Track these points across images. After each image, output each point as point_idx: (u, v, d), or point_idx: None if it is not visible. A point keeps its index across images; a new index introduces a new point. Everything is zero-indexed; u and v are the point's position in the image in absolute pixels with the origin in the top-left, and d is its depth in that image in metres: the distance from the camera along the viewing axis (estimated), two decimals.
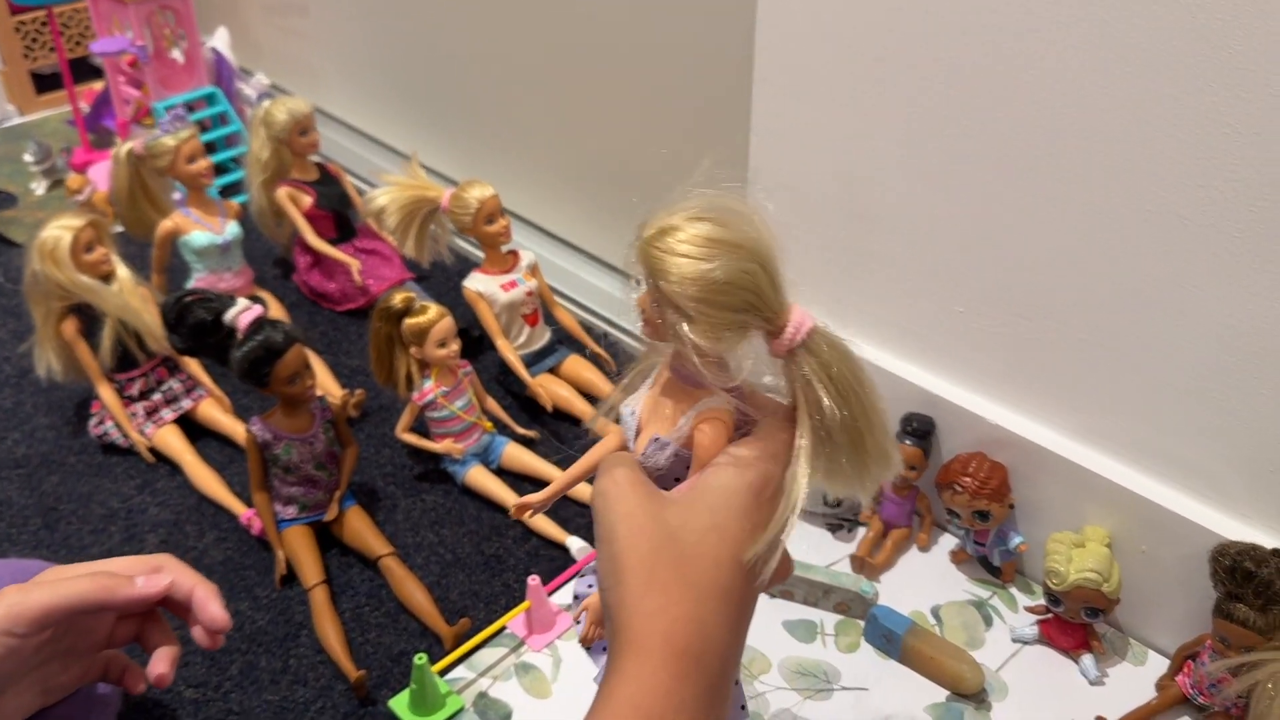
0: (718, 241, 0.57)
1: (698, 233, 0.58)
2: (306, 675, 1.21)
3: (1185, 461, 1.10)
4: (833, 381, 0.60)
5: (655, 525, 0.58)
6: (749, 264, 0.57)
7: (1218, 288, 1.00)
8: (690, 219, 0.59)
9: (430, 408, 1.40)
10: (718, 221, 0.58)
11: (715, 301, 0.57)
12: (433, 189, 1.53)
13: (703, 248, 0.57)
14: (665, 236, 0.58)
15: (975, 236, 1.16)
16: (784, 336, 0.59)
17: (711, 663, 0.56)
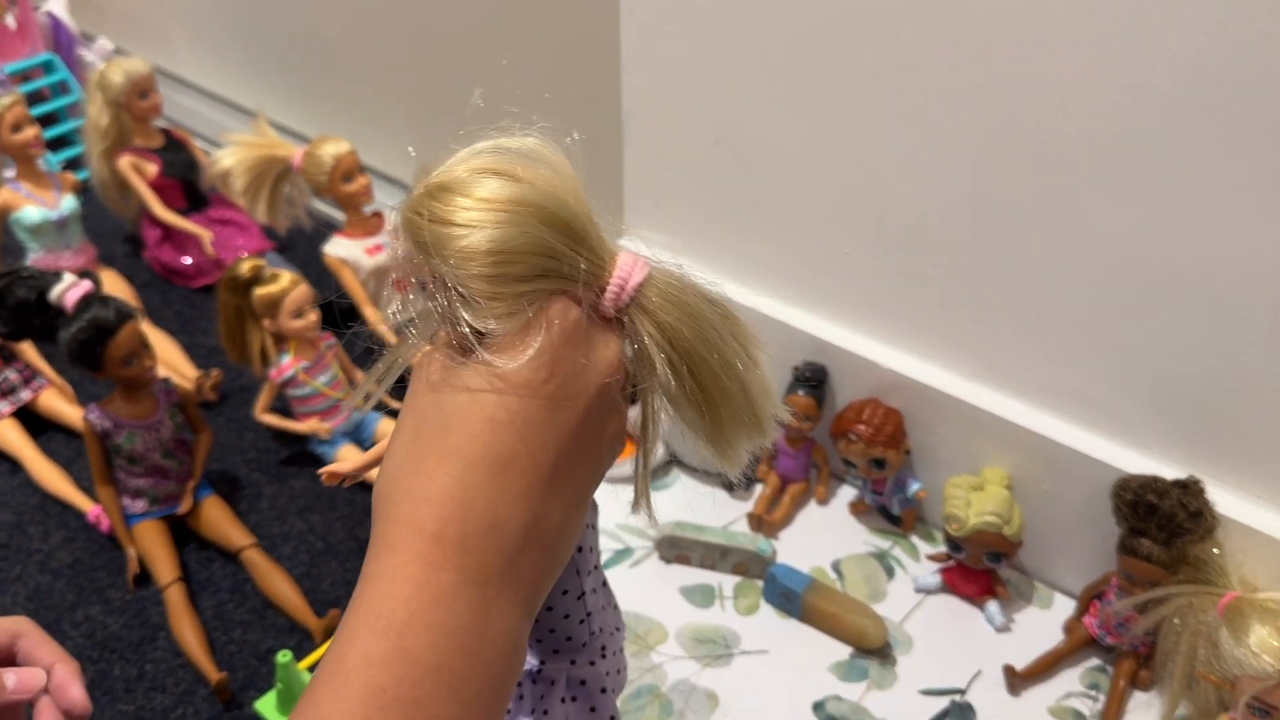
0: (502, 201, 0.48)
1: (478, 193, 0.48)
2: (165, 681, 1.11)
3: (1083, 396, 1.06)
4: (672, 344, 0.51)
5: (429, 392, 0.48)
6: (539, 225, 0.48)
7: (1107, 214, 0.95)
8: (470, 174, 0.49)
9: (290, 385, 1.30)
10: (505, 174, 0.49)
11: (502, 275, 0.47)
12: (283, 147, 1.42)
13: (482, 212, 0.48)
14: (436, 201, 0.48)
15: (858, 173, 1.10)
16: (606, 296, 0.50)
17: (485, 544, 0.46)
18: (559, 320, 0.48)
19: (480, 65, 1.58)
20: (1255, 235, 0.88)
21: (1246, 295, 0.91)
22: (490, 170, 0.49)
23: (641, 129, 1.26)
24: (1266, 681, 0.88)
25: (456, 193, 0.48)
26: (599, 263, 0.50)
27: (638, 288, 0.50)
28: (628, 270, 0.50)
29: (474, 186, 0.48)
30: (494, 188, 0.48)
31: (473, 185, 0.48)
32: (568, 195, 0.50)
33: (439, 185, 0.49)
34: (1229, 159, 0.86)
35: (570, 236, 0.49)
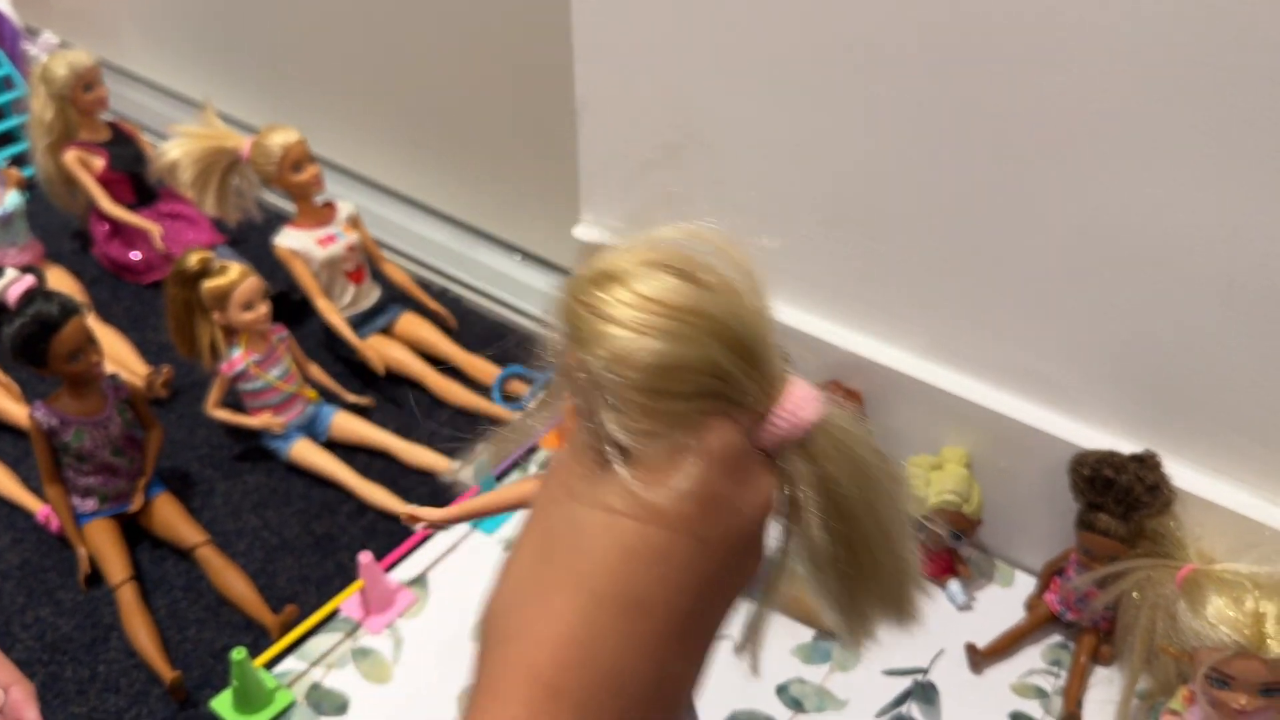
0: (676, 307, 0.42)
1: (647, 291, 0.42)
2: (118, 682, 1.09)
3: (1039, 373, 1.06)
4: (829, 499, 0.44)
5: (562, 503, 0.43)
6: (712, 341, 0.41)
7: (1060, 192, 0.95)
8: (644, 267, 0.43)
9: (242, 379, 1.27)
10: (682, 274, 0.43)
11: (661, 391, 0.41)
12: (231, 138, 1.39)
13: (650, 315, 0.41)
14: (601, 290, 0.43)
15: (813, 157, 1.09)
16: (768, 427, 0.43)
17: (606, 704, 0.40)
18: (717, 449, 0.42)
19: (431, 53, 1.56)
20: (1207, 209, 0.88)
21: (1200, 269, 0.91)
22: (667, 266, 0.43)
23: (595, 118, 1.25)
24: (1224, 652, 0.88)
25: (624, 285, 0.42)
26: (768, 388, 0.43)
27: (809, 426, 0.44)
28: (801, 404, 0.43)
29: (645, 282, 0.42)
30: (669, 288, 0.42)
31: (644, 280, 0.42)
32: (750, 308, 0.44)
33: (606, 273, 0.43)
34: (1181, 133, 0.86)
35: (745, 358, 0.43)
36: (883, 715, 1.01)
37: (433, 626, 1.12)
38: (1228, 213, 0.87)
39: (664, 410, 0.41)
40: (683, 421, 0.42)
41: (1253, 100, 0.82)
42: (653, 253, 0.44)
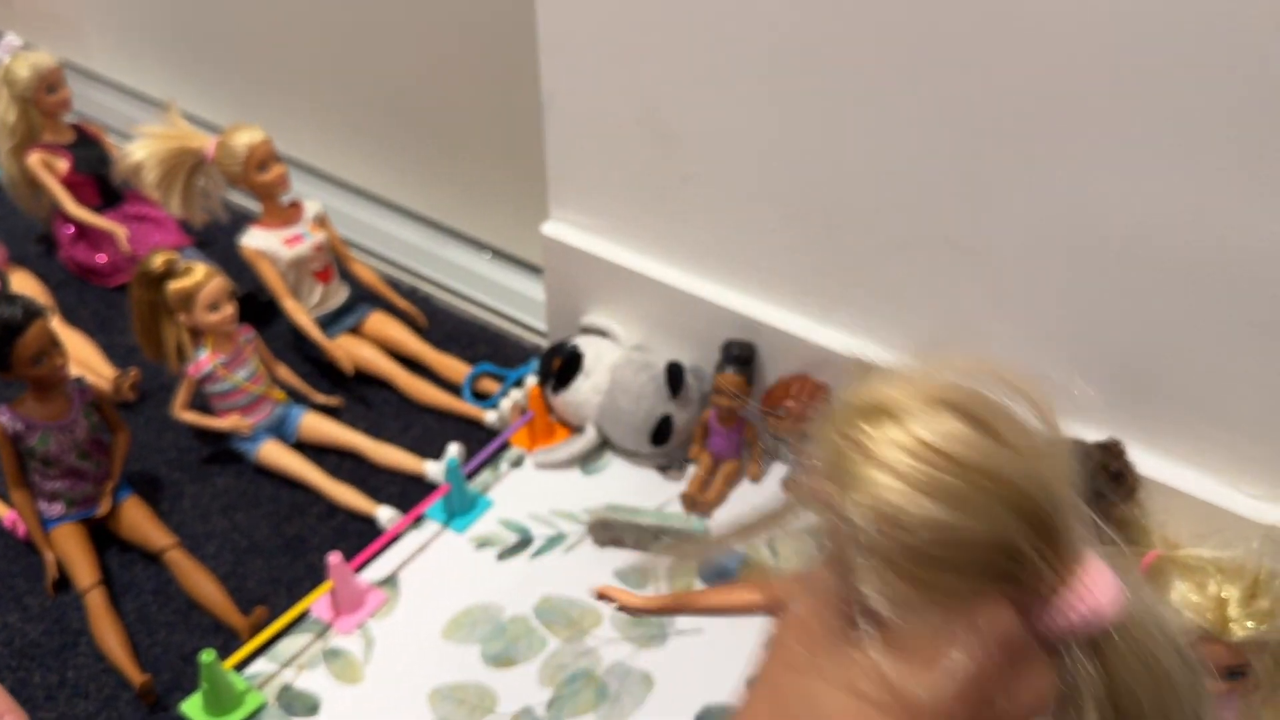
0: (965, 464, 0.36)
1: (929, 436, 0.36)
2: (87, 687, 1.08)
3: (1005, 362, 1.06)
4: (1117, 708, 0.37)
5: (798, 674, 0.39)
6: (1007, 512, 0.35)
7: (1027, 186, 0.96)
8: (926, 404, 0.37)
9: (209, 380, 1.26)
10: (974, 420, 0.37)
11: (930, 558, 0.36)
12: (196, 138, 1.38)
13: (931, 467, 0.36)
14: (872, 426, 0.37)
15: (778, 151, 1.09)
16: (1058, 615, 0.37)
17: None
18: (991, 635, 0.36)
19: (397, 51, 1.56)
20: (1169, 199, 0.89)
21: (1162, 259, 0.92)
22: (955, 406, 0.37)
23: (562, 111, 1.25)
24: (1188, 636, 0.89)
25: (901, 425, 0.37)
26: (1062, 569, 0.37)
27: (1107, 621, 0.37)
28: (1099, 592, 0.37)
29: (928, 424, 0.37)
30: (957, 437, 0.36)
31: (926, 422, 0.37)
32: (1054, 473, 0.37)
33: (879, 406, 0.38)
34: (1142, 123, 0.87)
35: (1043, 536, 0.36)
36: None
37: (404, 626, 1.11)
38: (1189, 202, 0.88)
39: (935, 583, 0.35)
40: (955, 598, 0.36)
41: (1212, 90, 0.82)
42: (937, 387, 0.38)
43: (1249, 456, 0.97)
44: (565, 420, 1.34)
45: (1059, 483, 0.37)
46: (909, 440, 0.36)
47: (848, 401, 0.38)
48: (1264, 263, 0.86)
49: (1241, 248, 0.87)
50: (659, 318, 1.30)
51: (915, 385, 0.38)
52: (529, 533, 1.21)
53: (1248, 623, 0.87)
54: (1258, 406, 0.93)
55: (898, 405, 0.37)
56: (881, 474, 0.36)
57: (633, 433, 1.26)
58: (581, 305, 1.38)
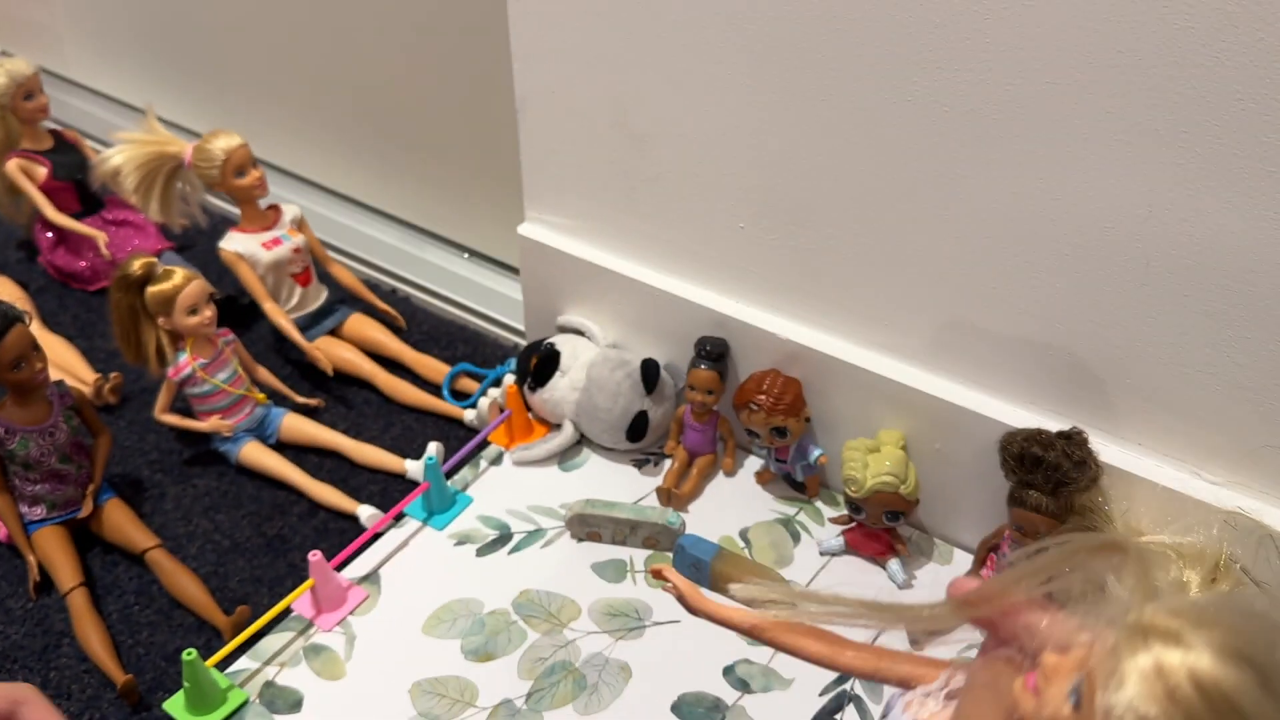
0: (1234, 711, 0.37)
1: (1218, 677, 0.38)
2: (70, 688, 1.09)
3: (970, 355, 1.09)
4: None
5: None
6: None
7: (984, 179, 0.98)
8: (1214, 649, 0.38)
9: (189, 383, 1.28)
10: (1252, 664, 0.38)
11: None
12: (174, 143, 1.40)
13: (1205, 703, 0.37)
14: (1144, 645, 0.39)
15: (747, 150, 1.11)
16: None
17: None
18: None
19: (372, 56, 1.57)
20: (1123, 192, 0.91)
21: (1118, 250, 0.94)
22: (1243, 655, 0.38)
23: (535, 115, 1.27)
24: None
25: (1194, 651, 0.38)
26: None
27: None
28: None
29: (1217, 663, 0.37)
30: (1240, 687, 0.37)
31: (1211, 663, 0.37)
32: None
33: (1159, 629, 0.39)
34: (1095, 119, 0.89)
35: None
36: (827, 693, 1.04)
37: (385, 622, 1.13)
38: (1143, 194, 0.90)
39: None
40: None
41: (1163, 87, 0.85)
42: (1232, 632, 0.38)
43: (1208, 444, 0.99)
44: (543, 418, 1.35)
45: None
46: (1194, 670, 0.38)
47: (1125, 604, 0.41)
48: (1214, 253, 0.89)
49: (1193, 239, 0.89)
50: (634, 316, 1.32)
51: (1206, 619, 0.40)
52: (508, 528, 1.23)
53: None
54: (1215, 395, 0.96)
55: (1179, 635, 0.39)
56: (1156, 685, 0.38)
57: (609, 429, 1.28)
58: (558, 305, 1.40)
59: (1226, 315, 0.92)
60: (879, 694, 1.04)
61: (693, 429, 1.27)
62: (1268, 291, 0.88)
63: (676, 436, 1.30)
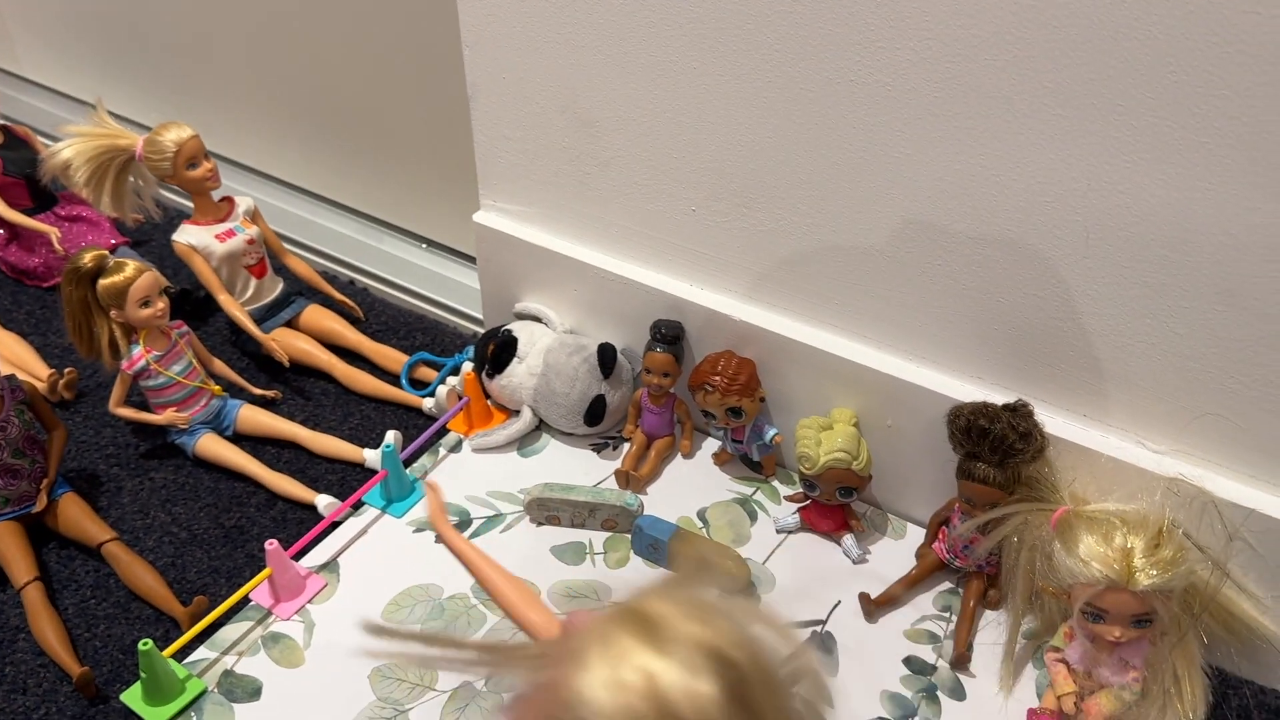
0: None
1: (676, 691, 0.41)
2: (26, 682, 1.08)
3: (918, 332, 1.10)
4: None
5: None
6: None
7: (925, 153, 0.99)
8: (694, 648, 0.42)
9: (143, 376, 1.27)
10: (730, 685, 0.41)
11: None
12: (125, 136, 1.39)
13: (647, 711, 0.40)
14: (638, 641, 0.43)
15: (696, 134, 1.12)
16: None
17: None
18: None
19: (323, 47, 1.57)
20: (1062, 165, 0.92)
21: (1060, 224, 0.95)
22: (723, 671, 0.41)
23: (487, 103, 1.27)
24: (1096, 587, 0.93)
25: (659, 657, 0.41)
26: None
27: None
28: None
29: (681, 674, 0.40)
30: (701, 703, 0.40)
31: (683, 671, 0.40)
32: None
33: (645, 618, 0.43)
34: (1032, 94, 0.90)
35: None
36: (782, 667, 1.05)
37: (344, 610, 1.13)
38: (1081, 169, 0.92)
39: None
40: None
41: (1099, 62, 0.86)
42: (714, 630, 0.41)
43: (1150, 413, 1.01)
44: (501, 404, 1.36)
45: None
46: (655, 679, 0.40)
47: (634, 602, 0.42)
48: (1151, 225, 0.90)
49: (1130, 211, 0.91)
50: (590, 301, 1.33)
51: (692, 619, 0.41)
52: (467, 514, 1.23)
53: (1152, 571, 0.91)
54: (1155, 365, 0.98)
55: (661, 626, 0.41)
56: (614, 694, 0.40)
57: (567, 414, 1.29)
58: (515, 292, 1.41)
59: (1164, 286, 0.93)
60: (834, 666, 1.05)
61: (650, 412, 1.28)
62: (1203, 262, 0.90)
63: (634, 420, 1.31)
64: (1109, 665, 0.97)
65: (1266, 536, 0.97)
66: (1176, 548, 0.93)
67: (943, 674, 1.05)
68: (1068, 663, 1.00)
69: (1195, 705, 0.98)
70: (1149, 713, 0.99)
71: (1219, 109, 0.83)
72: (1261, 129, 0.82)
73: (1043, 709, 0.99)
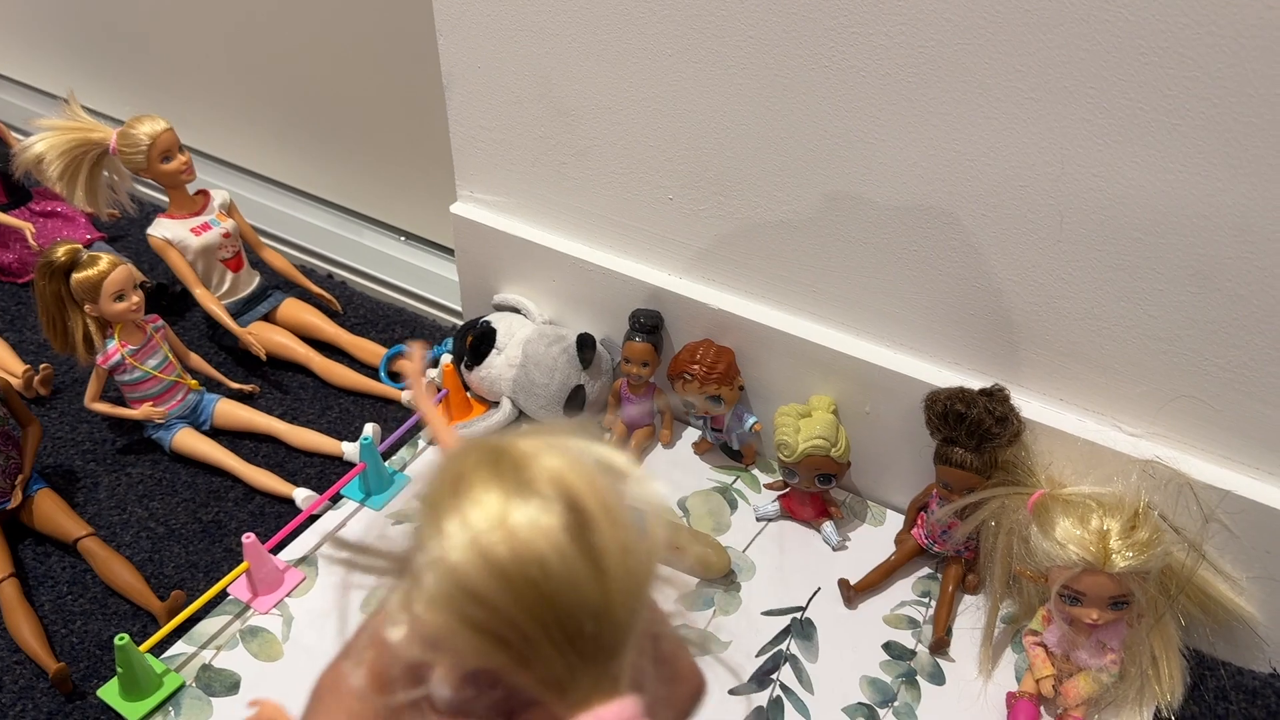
0: (531, 562, 0.39)
1: (523, 523, 0.39)
2: (1, 679, 1.08)
3: (895, 319, 1.10)
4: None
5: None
6: (545, 625, 0.39)
7: (900, 138, 0.99)
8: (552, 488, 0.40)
9: (119, 370, 1.26)
10: (579, 524, 0.40)
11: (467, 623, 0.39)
12: (98, 129, 1.38)
13: (507, 549, 0.39)
14: (491, 476, 0.41)
15: (672, 122, 1.12)
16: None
17: None
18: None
19: (297, 38, 1.56)
20: (1034, 149, 0.92)
21: (1034, 208, 0.95)
22: (575, 503, 0.40)
23: (462, 92, 1.26)
24: (1073, 569, 0.93)
25: (508, 494, 0.40)
26: (586, 689, 0.40)
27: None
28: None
29: (530, 505, 0.40)
30: (547, 534, 0.40)
31: (533, 502, 0.40)
32: (614, 602, 0.40)
33: (506, 454, 0.41)
34: (1004, 77, 0.91)
35: (578, 655, 0.39)
36: (764, 653, 1.05)
37: (322, 603, 1.13)
38: (1055, 151, 0.92)
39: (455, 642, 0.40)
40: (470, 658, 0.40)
41: (1070, 42, 0.86)
42: (574, 469, 0.41)
43: (1126, 396, 1.01)
44: (481, 396, 1.35)
45: (623, 612, 0.40)
46: (505, 513, 0.40)
47: (491, 441, 0.42)
48: (1125, 208, 0.91)
49: (1104, 194, 0.91)
50: (569, 292, 1.33)
51: (557, 455, 0.41)
52: None
53: (1128, 553, 0.91)
54: (1130, 347, 0.98)
55: (524, 469, 0.41)
56: (462, 532, 0.40)
57: (547, 404, 1.29)
58: (493, 284, 1.40)
59: (1138, 268, 0.94)
60: (814, 653, 1.05)
61: (630, 401, 1.28)
62: (1177, 244, 0.90)
63: (614, 410, 1.31)
64: (1087, 648, 0.97)
65: (1242, 518, 0.97)
66: (1152, 530, 0.94)
67: (922, 659, 1.05)
68: (1046, 646, 1.00)
69: (1173, 687, 0.99)
70: (1127, 694, 0.99)
71: (1190, 90, 0.83)
72: (1231, 110, 0.82)
73: (1021, 692, 0.99)
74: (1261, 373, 0.93)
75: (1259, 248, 0.87)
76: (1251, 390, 0.94)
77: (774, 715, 1.00)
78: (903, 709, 1.00)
